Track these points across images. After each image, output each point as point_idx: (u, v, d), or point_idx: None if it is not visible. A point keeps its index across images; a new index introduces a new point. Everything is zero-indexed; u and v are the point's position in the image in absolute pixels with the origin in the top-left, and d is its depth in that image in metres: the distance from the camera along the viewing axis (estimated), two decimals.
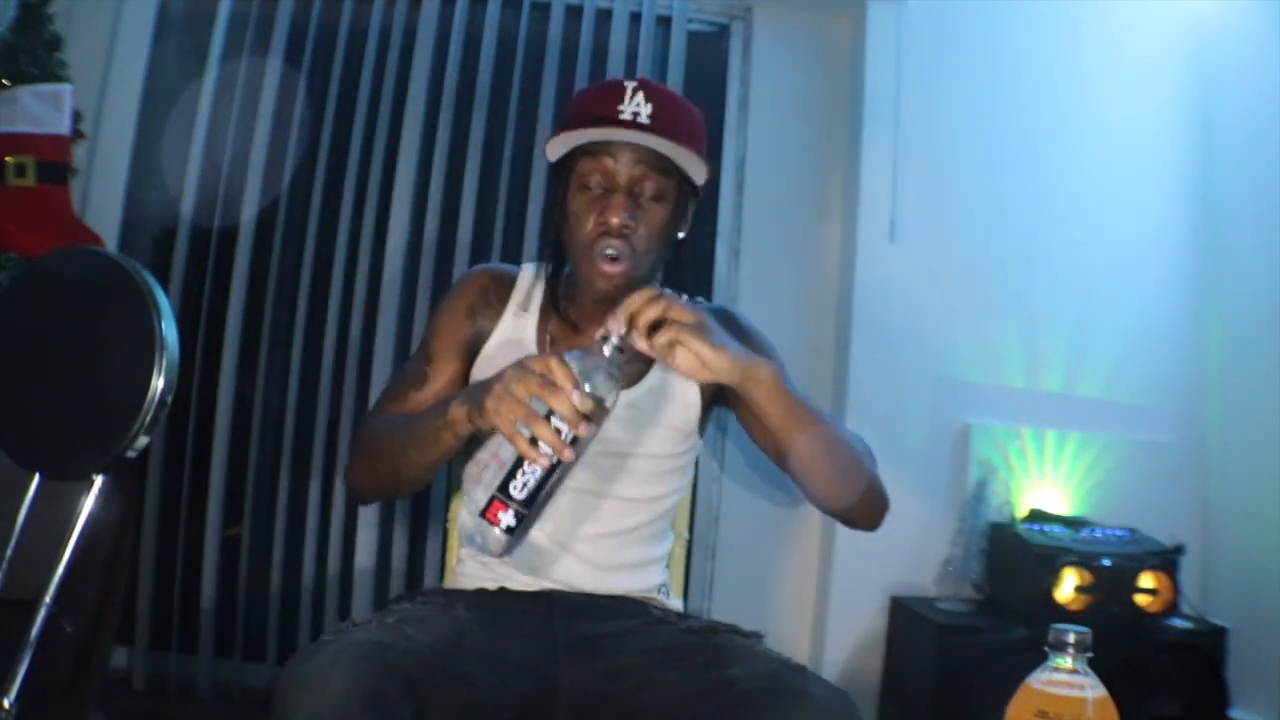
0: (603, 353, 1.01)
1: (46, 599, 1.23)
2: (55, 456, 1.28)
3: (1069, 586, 2.29)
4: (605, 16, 2.76)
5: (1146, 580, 2.34)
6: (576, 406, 0.97)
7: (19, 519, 1.30)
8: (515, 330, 1.30)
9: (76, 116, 2.29)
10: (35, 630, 1.22)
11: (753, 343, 1.30)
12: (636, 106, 1.18)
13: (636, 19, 2.76)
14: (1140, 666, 2.22)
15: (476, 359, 1.30)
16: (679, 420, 1.30)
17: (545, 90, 2.73)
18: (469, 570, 1.31)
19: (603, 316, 1.19)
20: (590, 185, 1.20)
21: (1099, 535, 2.43)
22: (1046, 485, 2.63)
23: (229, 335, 2.62)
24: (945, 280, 2.70)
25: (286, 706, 0.92)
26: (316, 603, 2.61)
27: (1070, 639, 0.82)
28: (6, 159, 2.16)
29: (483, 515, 0.97)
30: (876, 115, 2.70)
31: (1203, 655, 2.33)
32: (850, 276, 2.70)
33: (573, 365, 1.00)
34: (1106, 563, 2.31)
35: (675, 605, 1.34)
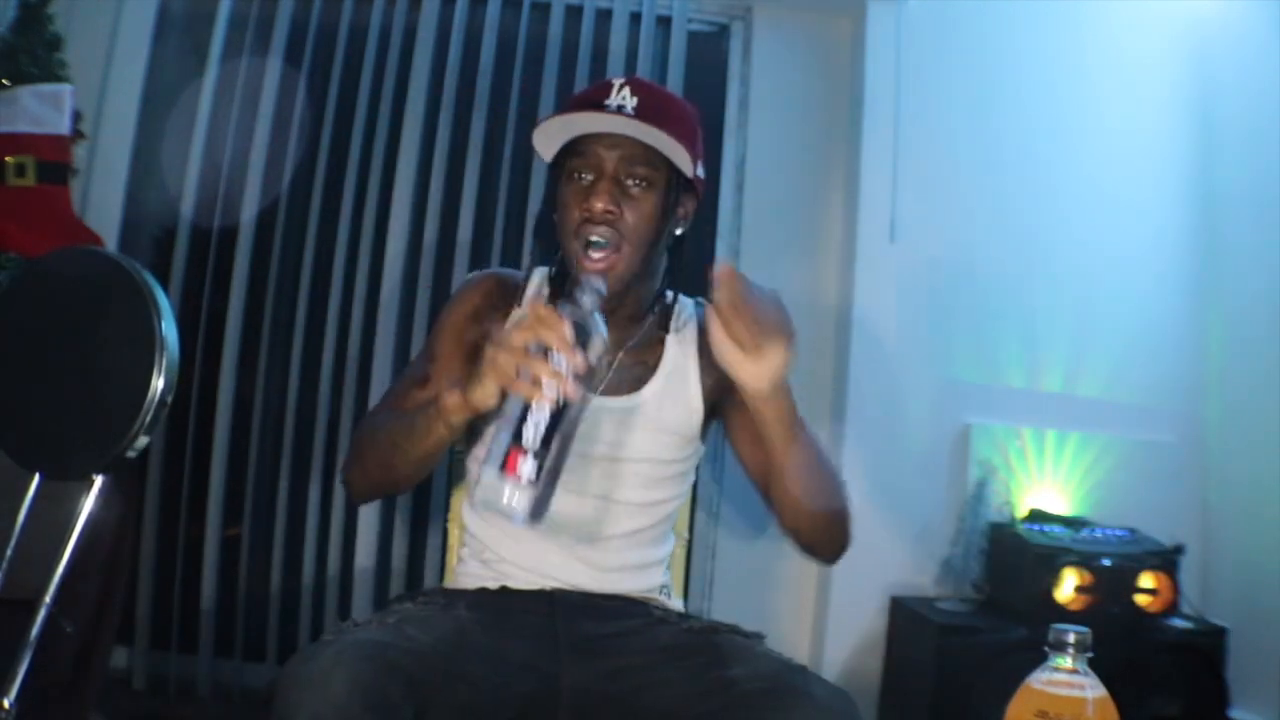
0: (584, 302, 1.02)
1: (46, 599, 1.23)
2: (55, 456, 1.28)
3: (1069, 586, 2.29)
4: (605, 16, 2.76)
5: (1146, 580, 2.34)
6: (569, 339, 0.98)
7: (19, 519, 1.30)
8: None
9: (76, 116, 2.29)
10: (35, 630, 1.22)
11: None
12: (622, 99, 1.20)
13: (636, 19, 2.76)
14: (1140, 666, 2.22)
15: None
16: (682, 426, 1.30)
17: (545, 90, 2.73)
18: (470, 570, 1.31)
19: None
20: (578, 176, 1.22)
21: (1099, 535, 2.43)
22: (1046, 485, 2.63)
23: (229, 335, 2.62)
24: (945, 280, 2.70)
25: (288, 706, 0.92)
26: (316, 603, 2.61)
27: (1070, 639, 0.82)
28: (6, 159, 2.16)
29: (501, 470, 0.96)
30: (876, 115, 2.70)
31: (1203, 655, 2.33)
32: (850, 276, 2.70)
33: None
34: (1106, 563, 2.31)
35: (676, 606, 1.35)
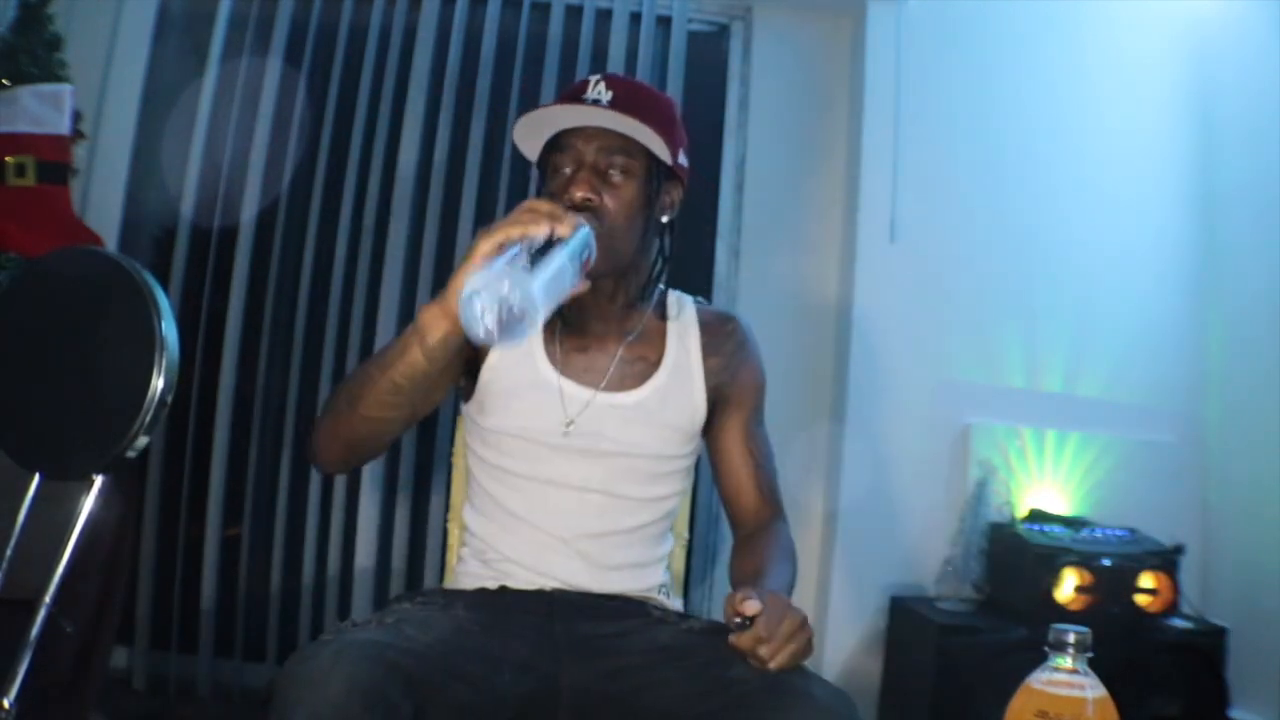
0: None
1: (46, 599, 1.23)
2: (55, 456, 1.29)
3: (1069, 586, 2.29)
4: (605, 16, 2.76)
5: (1146, 580, 2.34)
6: (560, 212, 1.06)
7: (19, 519, 1.30)
8: None
9: (76, 116, 2.29)
10: (35, 630, 1.22)
11: (745, 358, 1.36)
12: (598, 94, 1.23)
13: (636, 19, 2.76)
14: (1140, 666, 2.22)
15: (483, 367, 1.30)
16: (685, 422, 1.32)
17: (545, 90, 2.72)
18: (470, 569, 1.31)
19: (594, 306, 1.27)
20: (560, 170, 1.25)
21: (1099, 535, 2.43)
22: (1046, 485, 2.62)
23: (229, 335, 2.62)
24: (945, 280, 2.70)
25: (286, 705, 0.93)
26: (316, 603, 2.61)
27: (1070, 639, 0.82)
28: (6, 159, 2.15)
29: (498, 274, 0.99)
30: (876, 115, 2.70)
31: (1203, 655, 2.32)
32: (850, 276, 2.70)
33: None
34: (1106, 563, 2.31)
35: (675, 606, 1.35)
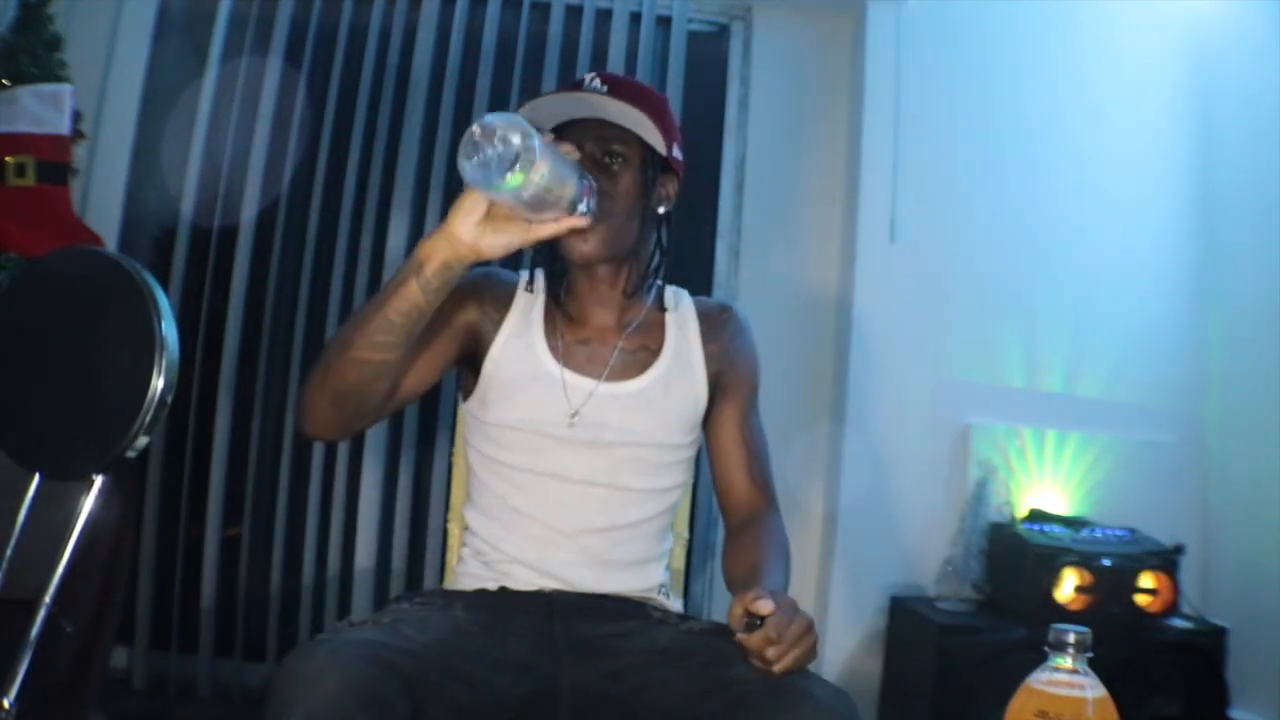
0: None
1: (46, 599, 1.23)
2: (55, 456, 1.28)
3: (1069, 586, 2.29)
4: (605, 16, 2.76)
5: (1146, 580, 2.34)
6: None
7: (19, 519, 1.30)
8: (522, 326, 1.31)
9: (76, 116, 2.29)
10: (35, 630, 1.22)
11: (742, 345, 1.37)
12: (593, 88, 1.25)
13: (636, 19, 2.76)
14: (1140, 666, 2.22)
15: (485, 360, 1.30)
16: (688, 410, 1.33)
17: (545, 90, 2.72)
18: (470, 569, 1.31)
19: (594, 297, 1.31)
20: None
21: (1099, 535, 2.43)
22: (1046, 485, 2.63)
23: (229, 335, 2.62)
24: (945, 280, 2.70)
25: (282, 704, 0.92)
26: (316, 603, 2.61)
27: (1070, 639, 0.82)
28: (6, 159, 2.16)
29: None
30: (876, 115, 2.70)
31: (1203, 655, 2.32)
32: (850, 276, 2.70)
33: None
34: (1106, 563, 2.31)
35: (675, 606, 1.35)
